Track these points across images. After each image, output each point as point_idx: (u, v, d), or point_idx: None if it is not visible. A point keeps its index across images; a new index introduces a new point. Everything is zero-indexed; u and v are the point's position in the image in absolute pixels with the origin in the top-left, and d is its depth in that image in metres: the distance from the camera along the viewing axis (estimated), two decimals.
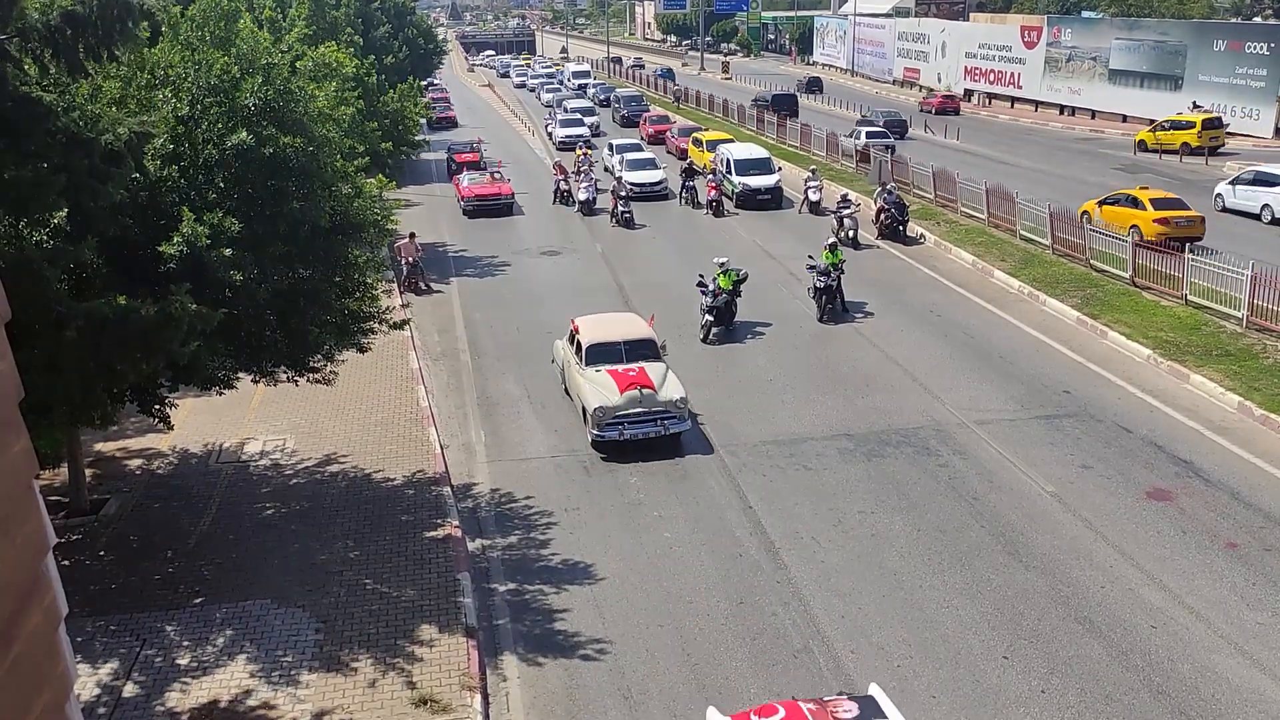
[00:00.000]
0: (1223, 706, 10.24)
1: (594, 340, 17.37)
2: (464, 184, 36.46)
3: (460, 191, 36.39)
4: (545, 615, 12.22)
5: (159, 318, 9.73)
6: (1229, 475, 15.10)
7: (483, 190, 35.75)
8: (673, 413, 16.38)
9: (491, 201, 35.37)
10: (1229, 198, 31.65)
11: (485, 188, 36.02)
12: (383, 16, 44.52)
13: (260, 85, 12.31)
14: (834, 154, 42.46)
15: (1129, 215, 27.24)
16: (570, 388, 17.97)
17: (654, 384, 16.49)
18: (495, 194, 35.58)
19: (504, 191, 35.77)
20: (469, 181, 36.49)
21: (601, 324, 18.28)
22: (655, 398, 16.34)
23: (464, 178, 37.13)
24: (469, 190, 35.74)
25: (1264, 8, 75.37)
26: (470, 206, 35.32)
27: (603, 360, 17.06)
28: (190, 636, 11.64)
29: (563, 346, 18.78)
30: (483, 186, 36.10)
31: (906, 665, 11.02)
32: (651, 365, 17.04)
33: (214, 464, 16.24)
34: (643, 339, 17.62)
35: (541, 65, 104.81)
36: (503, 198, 35.54)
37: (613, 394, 16.28)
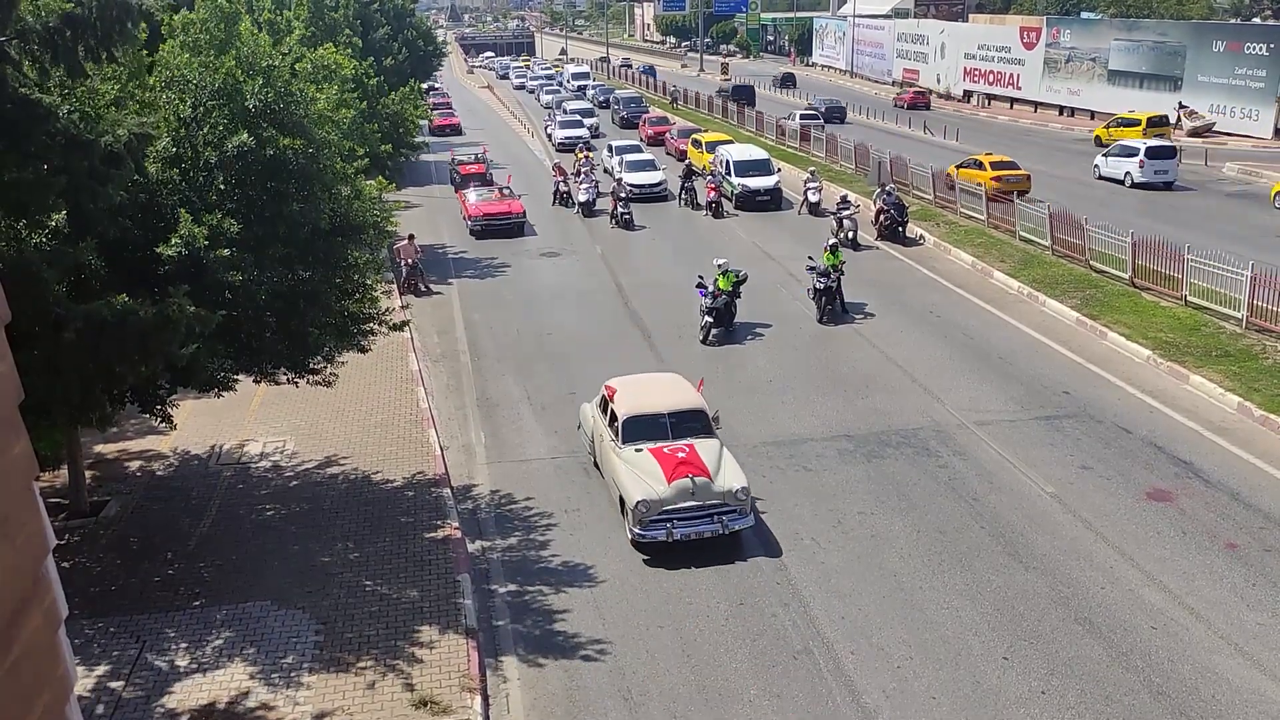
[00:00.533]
0: (1223, 707, 10.24)
1: (633, 411, 14.36)
2: (471, 201, 33.78)
3: (467, 209, 33.73)
4: (545, 616, 12.22)
5: (157, 319, 9.73)
6: (1229, 476, 15.10)
7: (492, 208, 33.17)
8: (732, 506, 13.35)
9: (501, 221, 32.87)
10: (1103, 168, 38.55)
11: (495, 205, 33.40)
12: (382, 18, 44.52)
13: (261, 87, 12.32)
14: (833, 155, 42.51)
15: (976, 174, 33.89)
16: (603, 466, 15.05)
17: (709, 469, 13.48)
18: (505, 212, 33.12)
19: (515, 210, 33.31)
20: (477, 198, 33.81)
21: (641, 389, 15.22)
22: (711, 487, 13.35)
23: (471, 194, 34.39)
24: (477, 209, 33.13)
25: (1263, 8, 75.41)
26: (478, 227, 32.73)
27: (644, 436, 14.10)
28: (190, 638, 11.64)
29: (592, 413, 15.85)
30: (492, 204, 33.44)
31: (906, 666, 11.02)
32: (704, 443, 14.03)
33: (214, 466, 16.24)
34: (692, 409, 14.55)
35: (541, 67, 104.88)
36: (513, 216, 33.11)
37: (658, 482, 13.30)
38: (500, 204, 33.59)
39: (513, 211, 33.15)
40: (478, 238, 32.32)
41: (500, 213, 33.08)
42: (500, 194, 34.34)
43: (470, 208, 33.53)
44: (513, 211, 33.15)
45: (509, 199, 34.02)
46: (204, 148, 12.05)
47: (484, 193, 34.50)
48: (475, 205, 33.41)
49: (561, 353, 21.50)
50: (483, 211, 32.90)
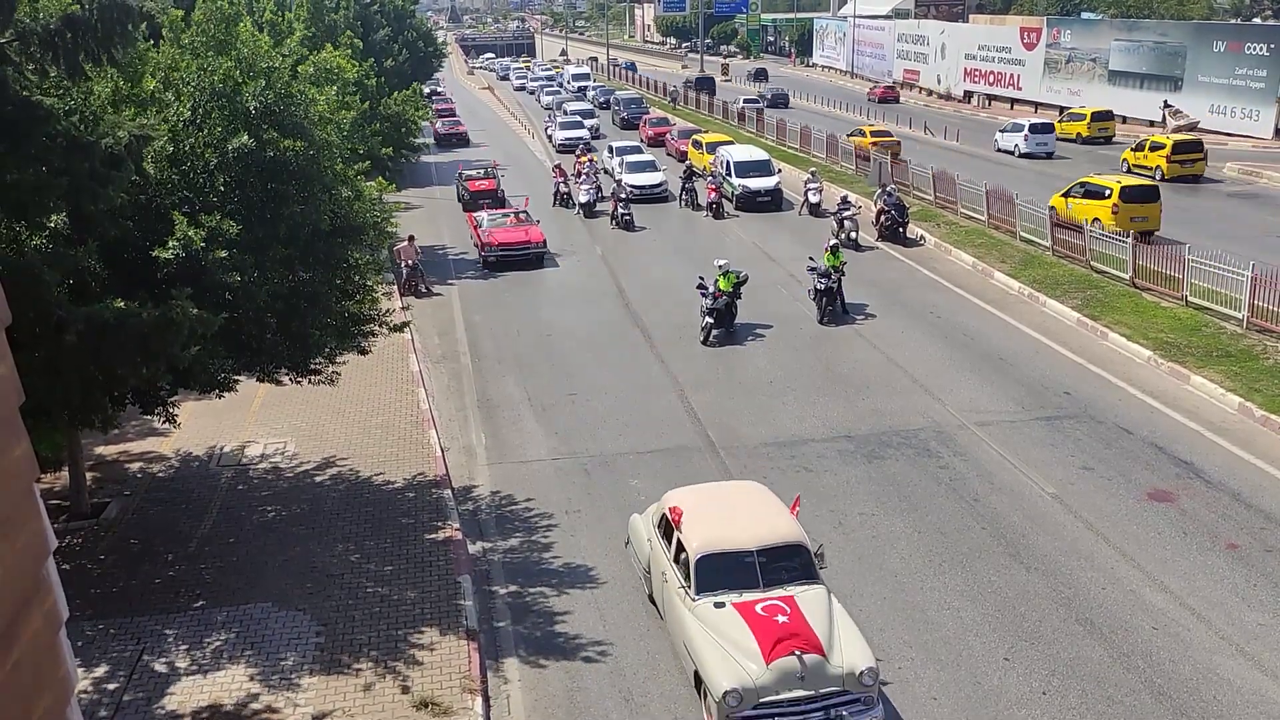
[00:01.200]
0: (1224, 708, 10.24)
1: (709, 548, 10.65)
2: (484, 227, 29.71)
3: (479, 237, 29.63)
4: (546, 618, 12.22)
5: (159, 321, 9.73)
6: (1230, 476, 15.10)
7: (509, 236, 29.04)
8: (855, 694, 9.72)
9: (519, 251, 28.75)
10: (1000, 142, 46.66)
11: (511, 233, 29.24)
12: (382, 19, 44.57)
13: (261, 89, 12.32)
14: (834, 156, 42.53)
15: (862, 141, 42.67)
16: (666, 615, 11.31)
17: (821, 641, 9.84)
18: (524, 241, 28.90)
19: (534, 238, 29.06)
20: (490, 224, 29.85)
21: (717, 511, 11.50)
22: (826, 668, 9.70)
23: (483, 218, 30.41)
24: (491, 236, 29.07)
25: (1263, 9, 75.41)
26: (493, 258, 28.50)
27: (725, 582, 10.45)
28: (191, 639, 11.64)
29: (647, 533, 12.26)
30: (508, 231, 29.32)
31: (908, 667, 11.01)
32: (808, 595, 10.43)
33: (214, 467, 16.24)
34: (789, 543, 10.84)
35: (541, 68, 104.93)
36: (533, 246, 28.85)
37: (752, 661, 9.67)
38: (518, 231, 29.47)
39: (532, 240, 29.05)
40: (491, 270, 28.48)
41: (518, 242, 28.96)
42: (517, 218, 30.50)
43: (482, 235, 29.41)
44: (532, 240, 29.05)
45: (527, 224, 30.03)
46: (204, 149, 12.05)
47: (498, 217, 30.58)
48: (489, 232, 29.30)
49: (562, 354, 21.51)
50: (497, 240, 28.83)
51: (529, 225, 29.92)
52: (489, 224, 29.89)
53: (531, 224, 30.11)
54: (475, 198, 35.61)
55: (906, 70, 77.34)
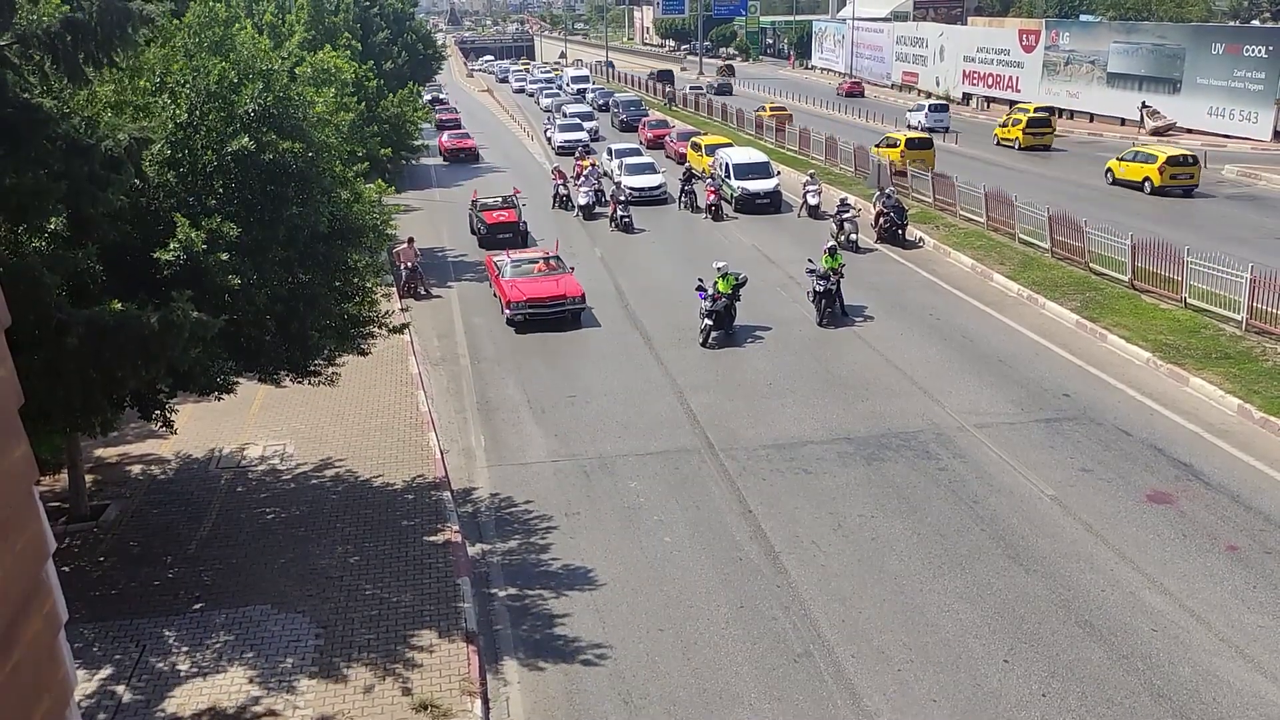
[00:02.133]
0: (1223, 709, 10.24)
1: None
2: (507, 275, 24.01)
3: (503, 290, 23.47)
4: (545, 620, 12.22)
5: (160, 324, 9.73)
6: (1229, 478, 15.10)
7: (538, 290, 23.08)
8: None
9: (552, 308, 22.76)
10: (909, 119, 55.81)
11: (541, 285, 23.37)
12: (382, 22, 44.57)
13: (260, 91, 12.33)
14: (833, 158, 42.55)
15: (763, 113, 54.04)
16: None
17: None
18: (557, 296, 22.94)
19: (569, 291, 23.09)
20: (515, 272, 24.18)
21: None
22: None
23: (507, 265, 24.61)
24: (516, 289, 23.01)
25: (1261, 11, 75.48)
26: (520, 316, 22.69)
27: None
28: (190, 642, 11.63)
29: None
30: (538, 283, 23.46)
31: (907, 669, 11.01)
32: None
33: (214, 469, 16.24)
34: None
35: (540, 70, 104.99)
36: (568, 302, 22.89)
37: None
38: (549, 282, 23.58)
39: (567, 294, 22.96)
40: (518, 330, 22.78)
41: (550, 297, 22.89)
42: (547, 264, 24.85)
43: (507, 287, 23.31)
44: (567, 294, 22.96)
45: (558, 272, 24.37)
46: (203, 151, 12.05)
47: (523, 263, 24.94)
48: (513, 284, 23.36)
49: (561, 356, 21.50)
50: (525, 295, 22.64)
51: (561, 274, 24.15)
52: (512, 272, 24.22)
53: (564, 271, 24.50)
54: (493, 233, 30.78)
55: (905, 72, 77.40)
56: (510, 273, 24.25)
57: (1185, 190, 35.90)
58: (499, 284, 24.18)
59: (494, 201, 32.57)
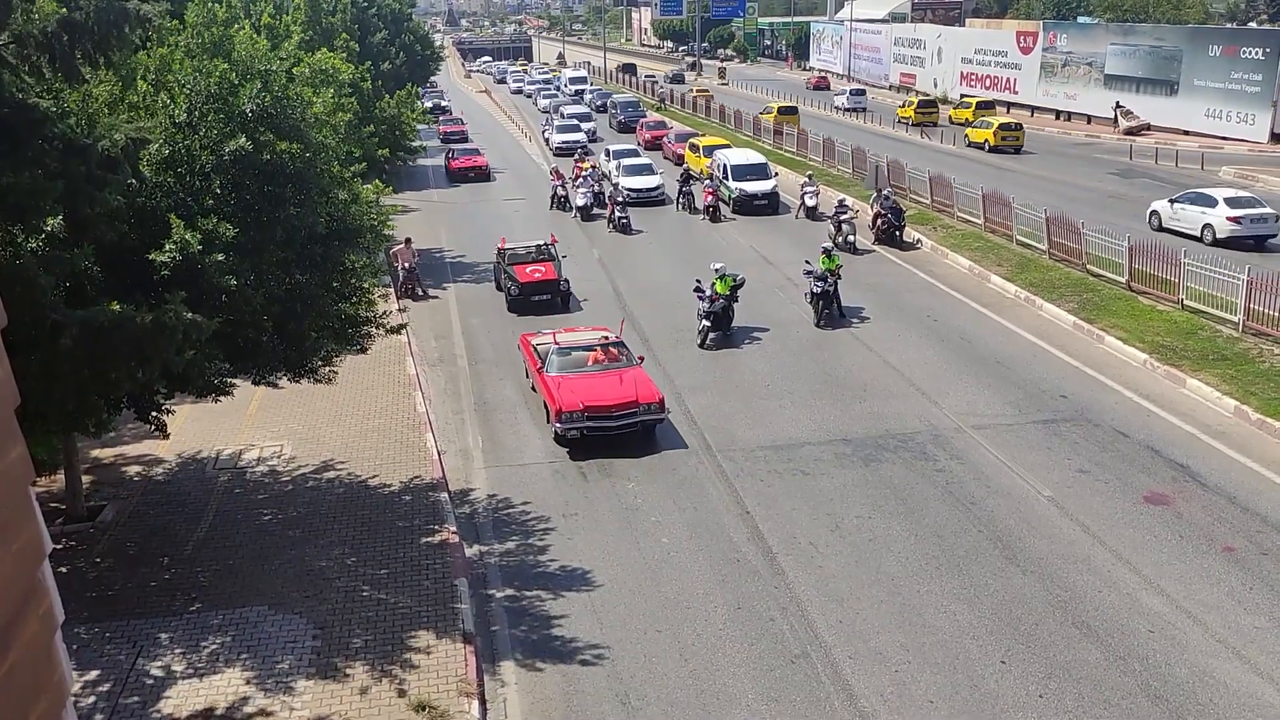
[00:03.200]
0: (1220, 711, 10.24)
1: None
2: (554, 370, 17.62)
3: (549, 392, 17.17)
4: (543, 621, 12.21)
5: (154, 325, 9.72)
6: (1226, 479, 15.12)
7: (602, 394, 16.86)
8: None
9: (621, 418, 16.61)
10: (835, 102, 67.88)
11: (606, 385, 17.13)
12: (379, 22, 44.55)
13: (258, 91, 12.32)
14: (830, 159, 42.58)
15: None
16: None
17: None
18: (628, 403, 16.68)
19: (644, 397, 16.79)
20: (563, 364, 17.80)
21: None
22: None
23: (552, 355, 18.07)
24: (572, 394, 16.81)
25: (1259, 13, 75.61)
26: (574, 432, 16.62)
27: None
28: (186, 643, 11.62)
29: None
30: (599, 382, 17.24)
31: (904, 670, 11.01)
32: None
33: (211, 471, 16.22)
34: None
35: (538, 71, 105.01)
36: (640, 409, 16.64)
37: None
38: (611, 379, 17.32)
39: (639, 399, 16.71)
40: (566, 445, 16.83)
41: (619, 404, 16.68)
42: (607, 353, 18.24)
43: (554, 387, 17.13)
44: (639, 399, 16.71)
45: (623, 363, 17.97)
46: (200, 152, 12.05)
47: (579, 353, 18.20)
48: (564, 384, 17.12)
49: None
50: (584, 403, 16.57)
51: (627, 367, 17.78)
52: (560, 364, 17.84)
53: (630, 363, 18.00)
54: (526, 294, 24.10)
55: (903, 74, 77.44)
56: (557, 365, 17.86)
57: (1015, 149, 47.26)
58: (543, 382, 17.73)
59: (526, 252, 25.70)
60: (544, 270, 24.86)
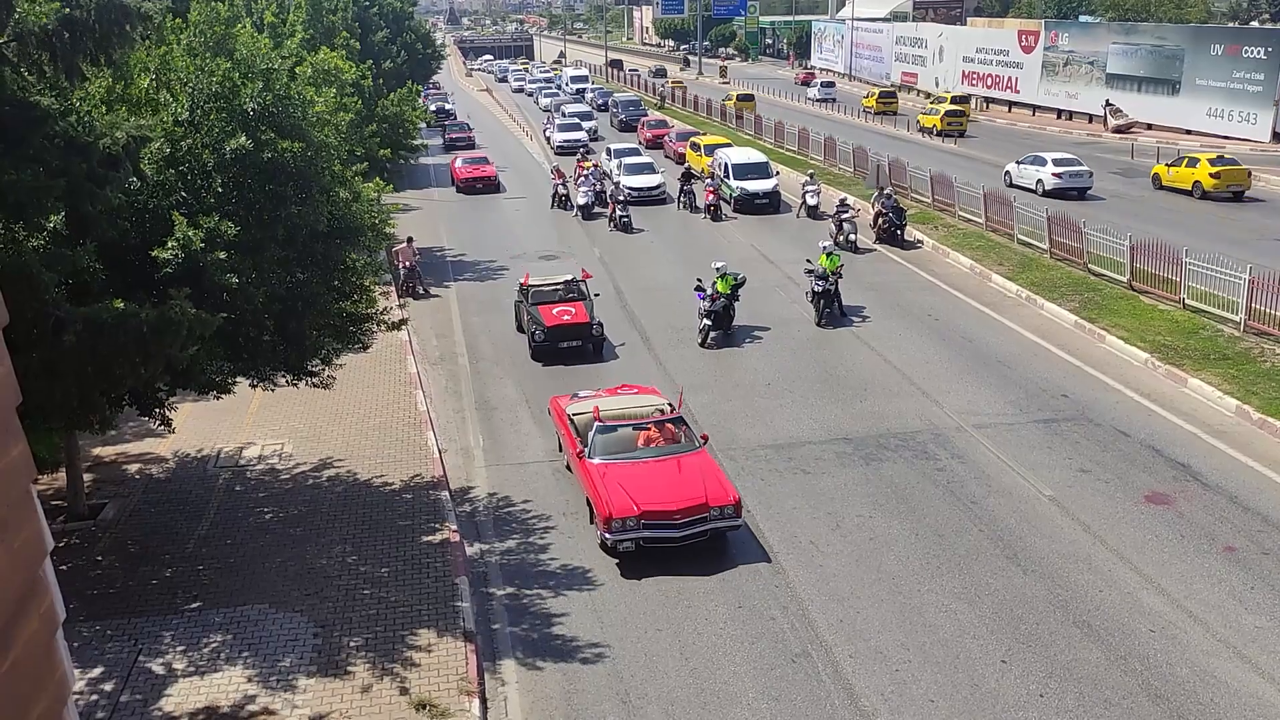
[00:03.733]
0: (1221, 711, 10.24)
1: None
2: (596, 456, 14.18)
3: (595, 488, 13.71)
4: (544, 619, 12.21)
5: (158, 322, 9.72)
6: (1227, 479, 15.11)
7: (665, 494, 13.49)
8: None
9: (689, 526, 13.28)
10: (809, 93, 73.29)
11: (667, 480, 13.78)
12: (381, 21, 44.53)
13: (260, 90, 12.32)
14: (831, 159, 42.56)
15: (669, 83, 68.40)
16: None
17: None
18: (696, 506, 13.30)
19: (715, 498, 13.43)
20: (609, 446, 14.39)
21: None
22: None
23: (594, 436, 14.52)
24: (624, 496, 13.36)
25: (1261, 12, 75.55)
26: (630, 543, 13.14)
27: None
28: (187, 641, 11.63)
29: None
30: (658, 474, 13.91)
31: (905, 670, 11.01)
32: None
33: (212, 469, 16.23)
34: None
35: (539, 70, 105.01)
36: (712, 514, 13.33)
37: None
38: (669, 471, 13.98)
39: (710, 501, 13.38)
40: (617, 557, 13.38)
41: (686, 507, 13.30)
42: (664, 432, 14.74)
43: (600, 483, 13.66)
44: (710, 501, 13.38)
45: (684, 444, 14.59)
46: (202, 150, 12.05)
47: (627, 428, 14.77)
48: (614, 477, 13.70)
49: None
50: (640, 506, 13.19)
51: (689, 451, 14.35)
52: (603, 446, 14.32)
53: (692, 444, 14.56)
54: (554, 340, 20.62)
55: (905, 73, 77.35)
56: (601, 447, 14.26)
57: (960, 133, 51.68)
58: (584, 471, 14.21)
59: (553, 289, 22.06)
60: (574, 312, 21.19)
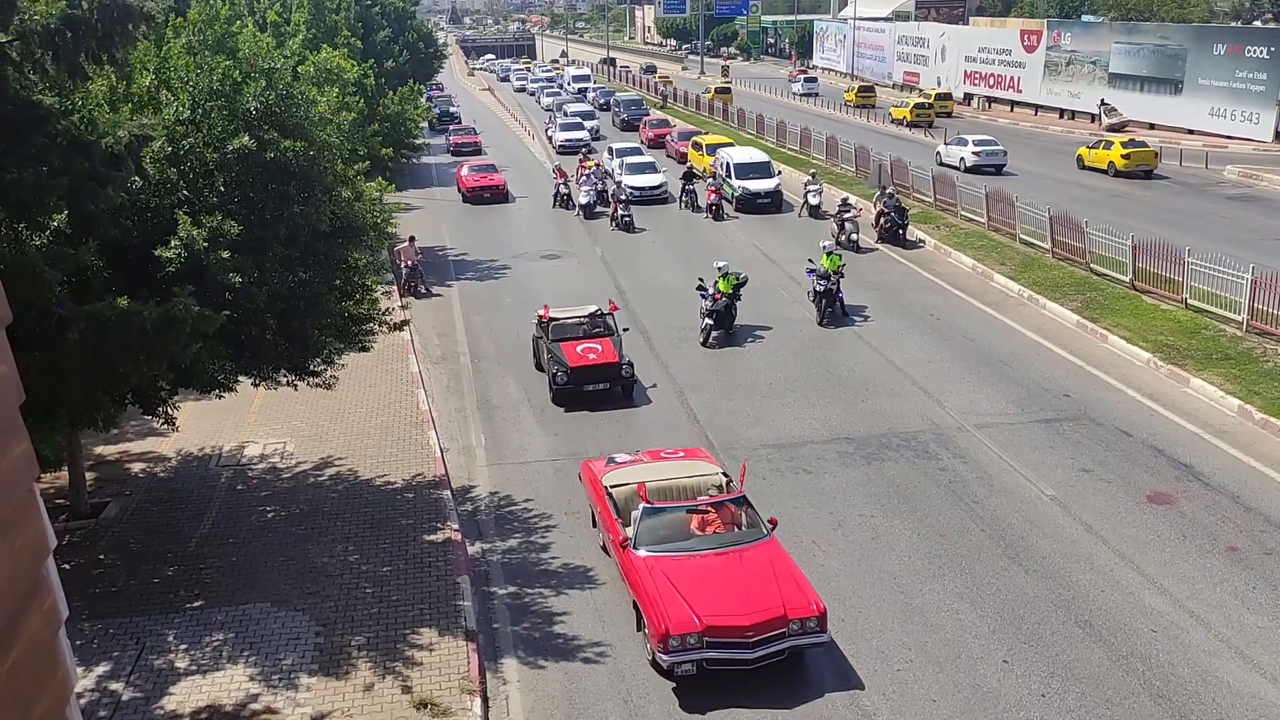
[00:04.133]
0: (1223, 711, 10.23)
1: None
2: (642, 547, 11.55)
3: (648, 598, 10.97)
4: (545, 618, 12.21)
5: (161, 320, 9.73)
6: (1229, 479, 15.10)
7: (739, 608, 10.76)
8: None
9: (765, 643, 10.64)
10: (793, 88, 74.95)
11: (733, 582, 11.14)
12: (383, 21, 44.55)
13: (262, 90, 12.32)
14: (834, 158, 42.54)
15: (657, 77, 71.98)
16: None
17: None
18: (773, 621, 10.71)
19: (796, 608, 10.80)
20: (662, 535, 11.74)
21: None
22: None
23: (642, 519, 11.82)
24: (688, 600, 10.79)
25: (1263, 12, 75.47)
26: (690, 665, 10.57)
27: None
28: (190, 640, 11.64)
29: None
30: (722, 575, 11.25)
31: (906, 669, 11.01)
32: None
33: (214, 467, 16.24)
34: None
35: (541, 69, 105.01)
36: (793, 628, 10.75)
37: None
38: (733, 567, 11.41)
39: (790, 613, 10.79)
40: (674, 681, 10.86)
41: (756, 623, 10.69)
42: (725, 515, 12.25)
43: (649, 584, 11.13)
44: (790, 613, 10.79)
45: (750, 532, 12.01)
46: (204, 149, 12.05)
47: (678, 510, 12.19)
48: (662, 572, 11.23)
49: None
50: (704, 619, 10.61)
51: (755, 541, 11.78)
52: (652, 534, 11.79)
53: (758, 532, 11.97)
54: (579, 382, 18.37)
55: (907, 72, 77.31)
56: (648, 536, 11.68)
57: (928, 124, 55.38)
58: (627, 566, 11.58)
59: (576, 324, 19.56)
60: (600, 350, 18.75)
